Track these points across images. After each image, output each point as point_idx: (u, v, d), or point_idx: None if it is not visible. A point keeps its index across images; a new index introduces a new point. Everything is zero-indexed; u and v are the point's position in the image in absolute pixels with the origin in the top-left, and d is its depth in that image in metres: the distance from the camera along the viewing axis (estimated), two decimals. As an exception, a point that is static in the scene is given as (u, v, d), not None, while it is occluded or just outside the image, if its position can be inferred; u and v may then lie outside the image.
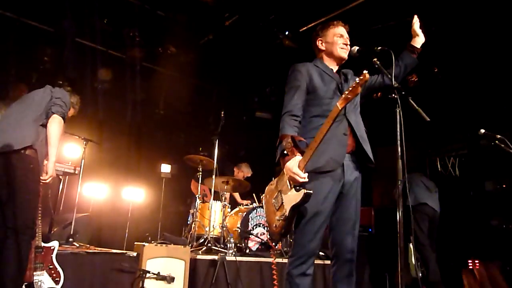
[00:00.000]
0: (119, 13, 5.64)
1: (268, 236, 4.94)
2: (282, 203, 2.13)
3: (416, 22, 2.49)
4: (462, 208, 5.36)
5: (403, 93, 2.02)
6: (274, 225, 2.16)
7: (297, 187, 2.04)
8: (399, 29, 4.95)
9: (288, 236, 4.62)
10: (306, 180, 2.01)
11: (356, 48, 2.34)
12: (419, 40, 2.48)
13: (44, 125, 2.67)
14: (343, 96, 1.99)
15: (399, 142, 2.00)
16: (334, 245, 2.21)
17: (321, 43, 2.46)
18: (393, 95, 2.05)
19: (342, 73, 2.46)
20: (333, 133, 2.08)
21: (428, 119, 1.99)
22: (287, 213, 2.07)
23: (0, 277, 2.37)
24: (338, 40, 2.41)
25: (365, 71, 1.91)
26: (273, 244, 4.68)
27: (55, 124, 2.67)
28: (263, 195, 2.38)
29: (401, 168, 1.97)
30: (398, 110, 2.02)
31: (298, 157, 2.05)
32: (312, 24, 5.48)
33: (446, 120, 5.38)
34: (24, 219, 2.46)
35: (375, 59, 2.18)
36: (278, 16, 5.52)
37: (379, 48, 2.21)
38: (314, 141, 2.02)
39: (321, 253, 4.79)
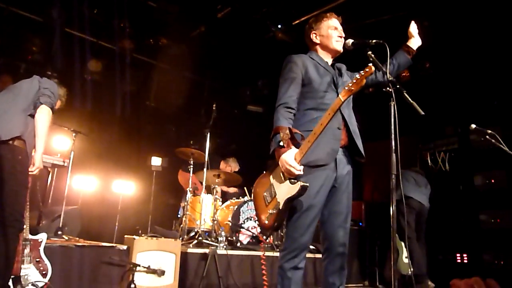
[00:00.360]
0: (110, 3, 5.54)
1: (259, 230, 4.93)
2: (275, 196, 2.11)
3: (413, 25, 2.49)
4: (452, 203, 5.42)
5: (398, 86, 2.01)
6: (265, 218, 2.14)
7: (292, 180, 2.03)
8: (393, 23, 4.98)
9: (279, 229, 4.63)
10: (302, 173, 2.01)
11: (350, 41, 2.32)
12: (415, 42, 2.48)
13: (32, 116, 2.62)
14: (346, 88, 1.97)
15: (393, 136, 1.99)
16: (326, 238, 2.20)
17: (315, 36, 2.43)
18: (388, 88, 2.03)
19: (336, 66, 2.45)
20: (327, 126, 2.06)
21: (423, 113, 1.99)
22: (280, 206, 2.06)
23: None
24: (332, 33, 2.39)
25: (370, 64, 1.92)
26: (264, 238, 4.67)
27: (43, 114, 2.62)
28: (253, 188, 2.35)
29: (395, 162, 1.96)
30: (392, 104, 2.01)
31: (294, 150, 2.04)
32: (305, 17, 5.46)
33: (437, 115, 5.41)
34: (11, 211, 2.42)
35: (370, 52, 2.16)
36: (270, 9, 5.48)
37: (374, 41, 2.19)
38: (313, 133, 2.02)
39: (312, 246, 4.81)
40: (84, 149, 5.26)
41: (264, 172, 2.32)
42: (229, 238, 4.77)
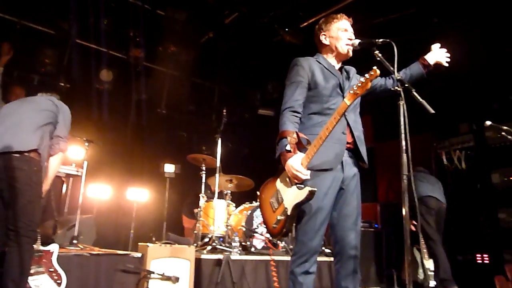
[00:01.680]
0: (120, 13, 5.62)
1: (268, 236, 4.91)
2: (282, 202, 2.09)
3: (436, 44, 2.46)
4: (469, 202, 5.30)
5: (406, 85, 1.97)
6: (273, 224, 2.12)
7: (299, 185, 2.01)
8: (401, 22, 4.92)
9: (288, 235, 4.59)
10: (308, 177, 1.99)
11: (357, 41, 2.29)
12: (432, 56, 2.43)
13: (48, 133, 2.70)
14: (351, 91, 1.95)
15: (403, 135, 1.95)
16: (337, 242, 2.16)
17: (325, 38, 2.39)
18: (396, 87, 2.00)
19: (344, 69, 2.41)
20: (332, 131, 2.04)
21: (433, 112, 1.95)
22: (288, 212, 2.04)
23: (4, 280, 2.36)
24: (342, 35, 2.34)
25: (375, 67, 1.89)
26: (273, 244, 4.65)
27: (58, 160, 2.81)
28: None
29: (406, 162, 1.92)
30: (401, 103, 1.97)
31: (300, 154, 2.03)
32: (313, 19, 5.44)
33: (451, 113, 5.31)
34: (27, 221, 2.45)
35: (377, 52, 2.13)
36: (278, 12, 5.47)
37: (381, 40, 2.16)
38: (319, 138, 2.00)
39: (327, 250, 4.76)
40: (98, 158, 5.31)
41: (269, 178, 2.30)
42: (243, 243, 4.75)
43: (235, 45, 6.25)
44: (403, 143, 1.93)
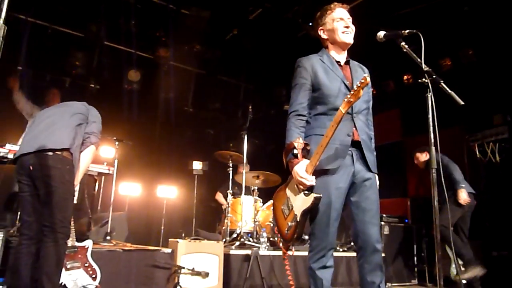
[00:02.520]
0: (145, 14, 5.73)
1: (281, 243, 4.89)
2: (292, 208, 2.10)
3: None
4: (504, 196, 5.11)
5: (434, 77, 1.92)
6: (285, 231, 2.13)
7: (306, 192, 2.02)
8: (429, 12, 4.78)
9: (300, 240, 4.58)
10: (314, 183, 2.00)
11: (382, 33, 2.22)
12: None
13: (79, 134, 2.81)
14: (345, 100, 1.92)
15: (431, 128, 1.91)
16: (359, 236, 2.13)
17: (323, 32, 2.32)
18: (424, 79, 1.95)
19: (350, 65, 2.33)
20: (337, 133, 2.02)
21: (462, 103, 1.89)
22: (298, 219, 2.05)
23: (38, 274, 2.46)
24: (338, 25, 2.26)
25: (365, 75, 1.86)
26: (286, 250, 4.64)
27: (90, 153, 2.88)
28: (271, 201, 2.36)
29: (435, 156, 1.88)
30: (429, 95, 1.93)
31: (305, 161, 2.03)
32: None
33: (483, 104, 5.12)
34: (60, 218, 2.54)
35: (403, 43, 2.08)
36: (301, 6, 5.43)
37: (407, 31, 2.11)
38: (320, 146, 1.99)
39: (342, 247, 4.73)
40: (128, 156, 5.46)
41: (281, 186, 2.31)
42: (270, 239, 4.76)
43: (259, 42, 6.25)
44: (432, 136, 1.89)
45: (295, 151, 2.04)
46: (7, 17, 1.19)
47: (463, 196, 4.38)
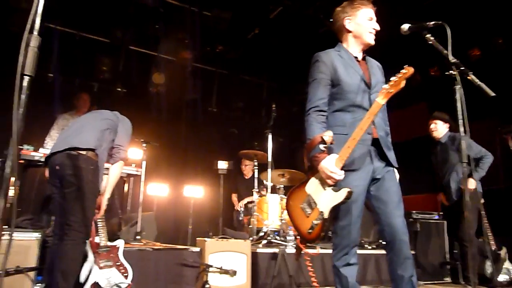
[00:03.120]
0: (168, 17, 5.82)
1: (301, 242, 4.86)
2: (316, 206, 2.04)
3: None
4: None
5: (462, 68, 1.87)
6: (308, 230, 2.05)
7: (335, 187, 1.97)
8: (455, 1, 4.64)
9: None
10: (342, 178, 1.95)
11: (406, 25, 2.17)
12: None
13: (107, 138, 2.88)
14: (384, 91, 1.87)
15: (460, 121, 1.86)
16: (385, 230, 2.09)
17: (349, 22, 2.24)
18: (451, 71, 1.90)
19: (366, 60, 2.28)
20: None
21: (493, 94, 1.83)
22: (325, 215, 1.98)
23: (54, 270, 2.52)
24: (368, 24, 2.21)
25: (406, 65, 1.80)
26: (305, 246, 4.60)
27: (119, 168, 2.96)
28: (285, 200, 2.28)
29: (465, 150, 1.83)
30: (457, 87, 1.88)
31: (333, 155, 1.98)
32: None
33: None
34: (81, 217, 2.58)
35: (428, 35, 2.03)
36: (322, 2, 5.38)
37: (433, 23, 2.05)
38: (353, 139, 1.94)
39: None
40: (155, 158, 5.57)
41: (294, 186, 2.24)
42: (298, 237, 4.75)
43: (281, 39, 6.24)
44: (461, 129, 1.84)
45: (322, 146, 1.98)
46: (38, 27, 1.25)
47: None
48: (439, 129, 4.52)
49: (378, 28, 2.22)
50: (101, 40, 6.13)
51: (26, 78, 1.17)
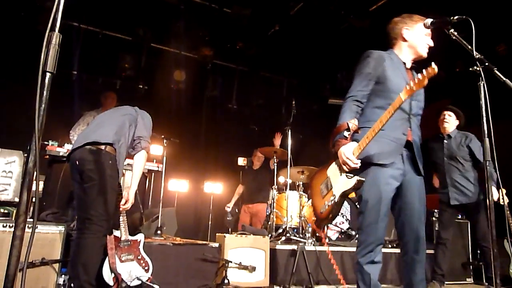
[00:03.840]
0: (188, 15, 5.87)
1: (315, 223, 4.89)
2: (331, 189, 2.13)
3: None
4: None
5: (487, 64, 1.82)
6: (321, 210, 2.17)
7: (349, 174, 2.04)
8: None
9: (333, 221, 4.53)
10: (358, 166, 2.01)
11: (429, 20, 2.14)
12: None
13: (127, 133, 2.91)
14: (407, 87, 1.89)
15: (485, 119, 1.81)
16: (405, 233, 2.18)
17: (407, 33, 2.29)
18: (475, 67, 1.86)
19: (413, 71, 2.32)
20: (394, 130, 2.09)
21: (518, 91, 1.78)
22: (336, 199, 2.07)
23: (74, 263, 2.59)
24: (424, 38, 2.27)
25: (433, 64, 1.80)
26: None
27: (142, 157, 2.94)
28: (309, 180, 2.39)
29: (489, 148, 1.79)
30: (481, 84, 1.83)
31: (353, 143, 2.05)
32: (382, 1, 5.20)
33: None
34: (101, 211, 2.63)
35: (452, 30, 1.99)
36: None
37: (456, 18, 2.00)
38: (372, 130, 2.00)
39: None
40: (176, 154, 5.64)
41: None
42: (317, 234, 4.74)
43: (301, 36, 6.20)
44: (485, 127, 1.79)
45: (346, 133, 2.05)
46: (62, 25, 1.28)
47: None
48: (451, 122, 4.29)
49: (432, 44, 2.28)
50: (124, 38, 6.24)
51: (48, 75, 1.19)
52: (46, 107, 1.13)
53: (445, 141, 4.27)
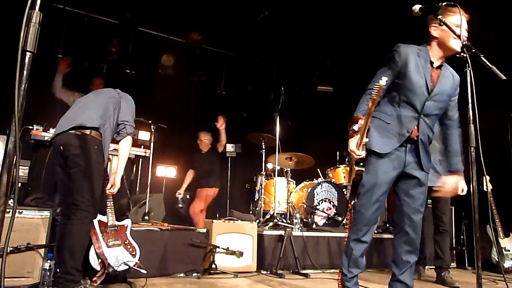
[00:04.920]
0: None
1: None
2: (350, 174, 2.39)
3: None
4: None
5: (473, 50, 1.83)
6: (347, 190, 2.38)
7: (355, 163, 2.23)
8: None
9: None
10: (362, 156, 2.16)
11: (418, 6, 2.15)
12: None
13: (111, 116, 2.86)
14: (374, 96, 2.01)
15: (470, 105, 1.83)
16: (403, 220, 2.32)
17: (435, 30, 2.24)
18: (462, 53, 1.87)
19: (442, 69, 2.29)
20: (399, 125, 2.25)
21: (504, 78, 1.80)
22: (350, 184, 2.33)
23: (60, 249, 2.56)
24: (456, 32, 2.13)
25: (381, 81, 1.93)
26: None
27: (128, 143, 2.91)
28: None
29: (474, 134, 1.81)
30: (468, 71, 1.85)
31: (357, 136, 2.17)
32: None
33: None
34: (87, 196, 2.60)
35: (440, 17, 1.99)
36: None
37: (445, 3, 2.01)
38: (365, 124, 2.12)
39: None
40: (163, 140, 5.60)
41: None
42: (304, 220, 4.79)
43: (290, 22, 6.14)
44: (470, 113, 1.81)
45: (355, 126, 2.17)
46: (47, 7, 1.24)
47: None
48: None
49: (466, 35, 2.13)
50: (110, 21, 6.10)
51: (28, 54, 1.16)
52: (26, 87, 1.10)
53: None
